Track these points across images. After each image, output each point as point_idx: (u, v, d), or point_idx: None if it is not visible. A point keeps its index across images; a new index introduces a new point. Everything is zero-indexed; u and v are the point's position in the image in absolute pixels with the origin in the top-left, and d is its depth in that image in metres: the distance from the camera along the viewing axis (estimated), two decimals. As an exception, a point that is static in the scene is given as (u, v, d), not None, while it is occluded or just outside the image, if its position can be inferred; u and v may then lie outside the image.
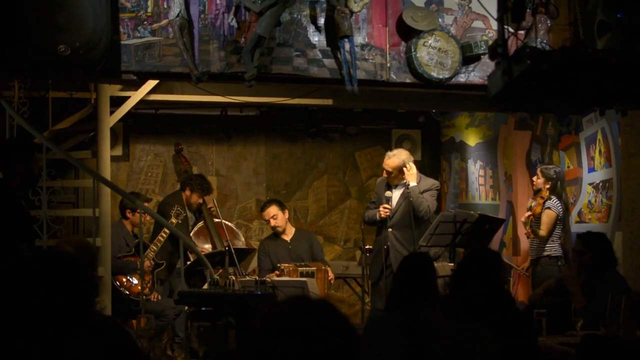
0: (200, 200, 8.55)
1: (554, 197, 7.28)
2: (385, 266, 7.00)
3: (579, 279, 5.54)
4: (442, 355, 3.61)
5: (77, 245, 3.94)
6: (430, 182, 7.31)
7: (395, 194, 7.13)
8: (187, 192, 8.55)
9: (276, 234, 8.08)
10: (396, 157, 7.22)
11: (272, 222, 7.98)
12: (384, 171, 7.23)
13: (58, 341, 2.38)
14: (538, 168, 7.56)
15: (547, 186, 7.34)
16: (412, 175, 7.06)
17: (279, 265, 7.50)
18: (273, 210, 8.00)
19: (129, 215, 7.98)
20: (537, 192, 7.50)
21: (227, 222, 8.70)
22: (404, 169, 7.08)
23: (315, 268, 7.47)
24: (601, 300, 4.90)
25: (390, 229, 7.06)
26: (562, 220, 7.31)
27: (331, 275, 7.80)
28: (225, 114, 9.88)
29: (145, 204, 7.68)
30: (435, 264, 7.86)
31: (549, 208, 7.23)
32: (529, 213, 7.42)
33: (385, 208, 7.06)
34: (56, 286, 2.42)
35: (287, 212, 8.17)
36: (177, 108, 9.44)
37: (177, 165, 9.95)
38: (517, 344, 4.01)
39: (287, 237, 8.04)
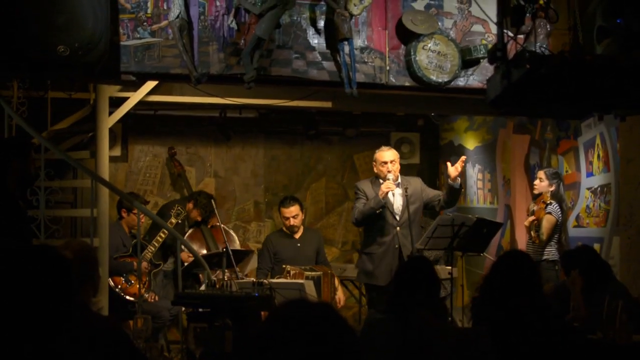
0: (199, 219, 8.48)
1: (554, 202, 7.27)
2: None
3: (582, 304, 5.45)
4: (437, 358, 3.61)
5: (77, 249, 3.93)
6: (419, 180, 7.22)
7: (397, 192, 6.98)
8: (190, 205, 8.54)
9: (285, 231, 7.90)
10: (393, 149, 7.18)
11: (292, 222, 7.75)
12: (390, 162, 6.89)
13: (52, 341, 2.38)
14: (541, 171, 7.51)
15: (551, 189, 7.31)
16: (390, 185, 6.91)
17: (284, 266, 7.38)
18: (295, 209, 7.78)
19: (124, 214, 7.96)
20: (537, 196, 7.48)
21: (223, 226, 8.67)
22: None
23: (321, 272, 7.31)
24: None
25: (398, 228, 6.88)
26: (560, 225, 7.31)
27: (341, 297, 7.69)
28: (224, 116, 9.88)
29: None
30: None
31: (549, 213, 7.22)
32: (533, 217, 7.36)
33: (388, 187, 6.74)
34: (35, 282, 2.41)
35: (304, 212, 8.03)
36: (176, 109, 9.43)
37: (171, 169, 9.95)
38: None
39: (297, 234, 7.85)
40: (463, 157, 6.86)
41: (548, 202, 7.27)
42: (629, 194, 6.53)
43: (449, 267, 7.21)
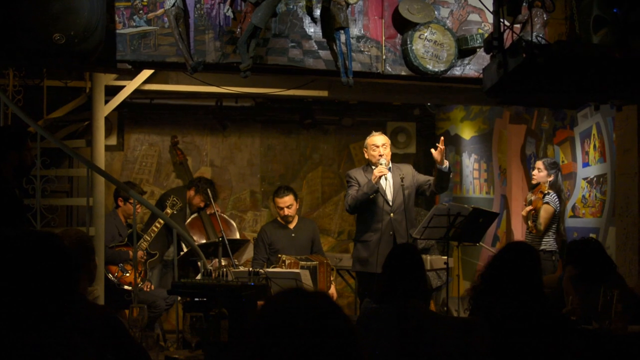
0: (202, 204, 8.50)
1: (552, 192, 7.27)
2: None
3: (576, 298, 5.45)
4: (433, 348, 3.62)
5: (73, 238, 3.93)
6: (410, 166, 7.19)
7: (389, 177, 6.89)
8: (192, 192, 8.56)
9: (280, 222, 7.90)
10: (383, 134, 7.16)
11: (286, 212, 7.76)
12: (381, 146, 6.91)
13: (48, 330, 2.36)
14: (539, 161, 7.50)
15: (550, 179, 7.31)
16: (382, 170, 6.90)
17: (280, 256, 7.37)
18: (290, 199, 7.78)
19: (120, 203, 7.95)
20: (535, 186, 7.48)
21: (223, 215, 8.68)
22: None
23: (317, 262, 7.28)
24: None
25: (392, 214, 6.83)
26: (559, 216, 7.31)
27: (334, 294, 7.66)
28: (220, 105, 9.87)
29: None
30: (428, 257, 7.87)
31: (547, 203, 7.23)
32: (530, 207, 7.37)
33: (381, 171, 6.72)
34: (34, 268, 2.39)
35: (298, 202, 8.02)
36: (172, 98, 9.42)
37: (174, 157, 9.96)
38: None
39: (291, 224, 7.86)
40: (442, 139, 6.75)
41: (546, 192, 7.28)
42: (625, 184, 6.54)
43: (445, 257, 7.22)
